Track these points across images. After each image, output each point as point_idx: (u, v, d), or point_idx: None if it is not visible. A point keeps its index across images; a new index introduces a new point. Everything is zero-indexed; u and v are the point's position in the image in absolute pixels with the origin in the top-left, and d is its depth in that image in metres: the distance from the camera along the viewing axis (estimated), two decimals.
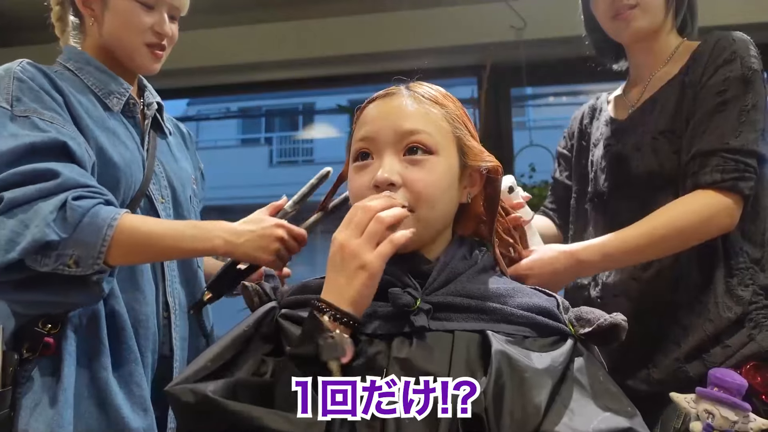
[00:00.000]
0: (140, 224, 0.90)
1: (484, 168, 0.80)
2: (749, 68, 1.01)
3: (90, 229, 0.85)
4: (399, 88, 0.80)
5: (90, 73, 1.04)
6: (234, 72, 2.60)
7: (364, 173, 0.76)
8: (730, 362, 0.98)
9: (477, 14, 2.35)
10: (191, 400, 0.62)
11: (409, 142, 0.74)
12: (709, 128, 1.01)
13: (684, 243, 1.00)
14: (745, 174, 0.98)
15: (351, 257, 0.65)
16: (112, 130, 1.01)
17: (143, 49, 1.05)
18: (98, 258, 0.86)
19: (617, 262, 1.05)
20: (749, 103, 1.00)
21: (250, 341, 0.72)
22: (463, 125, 0.80)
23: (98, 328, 0.94)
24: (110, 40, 1.05)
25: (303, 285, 0.80)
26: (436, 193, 0.74)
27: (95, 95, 1.03)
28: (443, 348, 0.67)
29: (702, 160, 1.00)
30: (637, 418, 0.64)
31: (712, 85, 1.02)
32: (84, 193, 0.88)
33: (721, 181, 0.98)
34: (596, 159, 1.20)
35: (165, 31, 1.05)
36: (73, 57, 1.06)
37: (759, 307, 1.01)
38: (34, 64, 0.98)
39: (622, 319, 0.71)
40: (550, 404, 0.62)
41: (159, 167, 1.09)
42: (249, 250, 0.92)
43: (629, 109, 1.17)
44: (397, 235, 0.67)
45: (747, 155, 0.98)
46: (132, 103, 1.08)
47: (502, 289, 0.74)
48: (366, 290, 0.65)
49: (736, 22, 2.12)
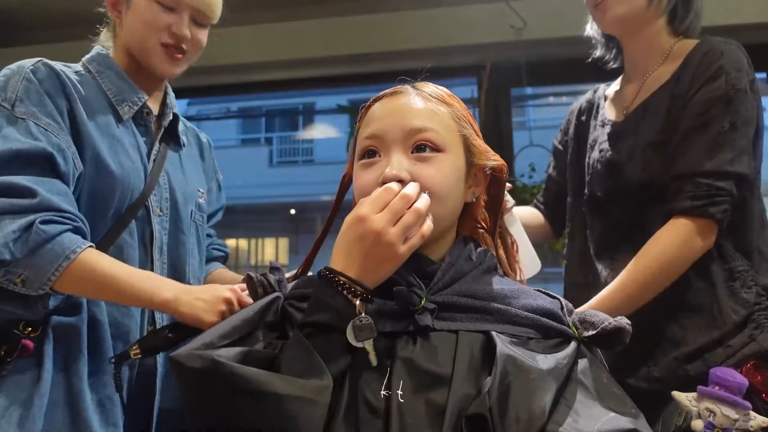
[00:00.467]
0: (98, 262, 0.89)
1: (490, 167, 0.80)
2: (733, 87, 1.02)
3: (48, 256, 0.86)
4: (405, 87, 0.80)
5: (108, 77, 1.05)
6: (234, 72, 2.60)
7: (371, 170, 0.76)
8: (730, 361, 0.98)
9: (477, 14, 2.35)
10: (197, 365, 0.60)
11: (418, 140, 0.75)
12: (686, 150, 1.03)
13: (668, 279, 1.03)
14: (716, 198, 1.00)
15: (386, 245, 0.66)
16: (117, 138, 1.01)
17: (158, 48, 1.05)
18: (46, 284, 0.86)
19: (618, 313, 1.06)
20: (727, 123, 1.01)
21: (256, 326, 0.71)
22: (469, 124, 0.80)
23: (79, 336, 0.94)
24: (130, 41, 1.06)
25: (308, 279, 0.80)
26: (445, 189, 0.74)
27: (108, 101, 1.04)
28: (447, 348, 0.66)
29: (677, 184, 1.03)
30: (641, 419, 0.64)
31: (695, 104, 1.04)
32: (54, 218, 0.88)
33: (692, 208, 1.01)
34: (592, 162, 1.20)
35: (182, 33, 1.05)
36: (97, 59, 1.07)
37: (762, 308, 1.02)
38: (49, 64, 0.99)
39: (627, 323, 0.70)
40: (555, 406, 0.62)
41: (164, 179, 1.08)
42: (196, 310, 0.89)
43: (624, 111, 1.17)
44: (426, 229, 0.69)
45: (720, 178, 1.00)
46: (146, 113, 1.08)
47: (506, 290, 0.74)
48: (388, 276, 0.69)
49: (736, 22, 2.12)
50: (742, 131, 1.02)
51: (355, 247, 0.67)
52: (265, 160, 7.38)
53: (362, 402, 0.63)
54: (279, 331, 0.73)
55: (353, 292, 0.66)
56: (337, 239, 0.70)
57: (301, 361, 0.62)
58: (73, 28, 1.13)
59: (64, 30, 1.13)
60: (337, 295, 0.66)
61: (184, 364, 0.61)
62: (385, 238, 0.66)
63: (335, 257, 0.69)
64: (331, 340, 0.65)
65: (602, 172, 1.16)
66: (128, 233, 1.01)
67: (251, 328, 0.71)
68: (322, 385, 0.60)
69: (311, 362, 0.62)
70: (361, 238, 0.67)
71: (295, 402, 0.58)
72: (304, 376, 0.60)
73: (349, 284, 0.67)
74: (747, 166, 1.02)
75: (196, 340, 0.66)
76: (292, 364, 0.62)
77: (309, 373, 0.61)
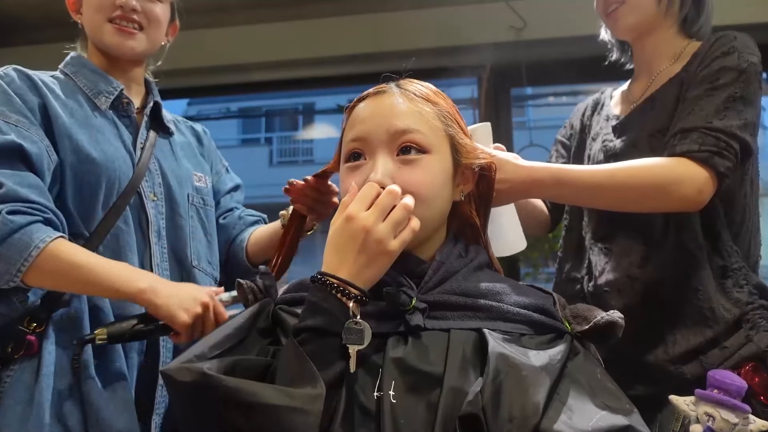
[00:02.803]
0: (68, 252, 0.88)
1: (477, 165, 0.79)
2: (746, 61, 1.00)
3: (15, 247, 0.85)
4: (389, 86, 0.79)
5: (83, 75, 1.07)
6: (234, 72, 2.60)
7: (356, 173, 0.75)
8: (728, 363, 0.97)
9: (477, 14, 2.35)
10: (187, 378, 0.60)
11: (403, 142, 0.73)
12: (695, 109, 0.99)
13: (641, 200, 0.96)
14: (724, 152, 0.95)
15: (376, 242, 0.66)
16: (96, 128, 1.02)
17: (106, 26, 1.06)
18: (15, 276, 0.86)
19: (568, 195, 1.00)
20: (739, 91, 0.98)
21: (248, 334, 0.71)
22: (455, 123, 0.79)
23: (81, 328, 0.94)
24: (89, 32, 1.08)
25: (299, 283, 0.80)
26: (431, 192, 0.73)
27: (85, 95, 1.05)
28: (439, 347, 0.66)
29: (682, 135, 0.98)
30: (635, 415, 0.64)
31: (706, 74, 1.02)
32: (22, 209, 0.87)
33: (697, 151, 0.95)
34: (594, 153, 1.20)
35: (126, 3, 1.04)
36: (71, 62, 1.10)
37: (755, 307, 1.01)
38: (20, 69, 1.01)
39: (619, 317, 0.70)
40: (549, 402, 0.62)
41: (155, 165, 1.09)
42: (171, 305, 0.87)
43: (631, 105, 1.17)
44: (415, 223, 0.69)
45: (729, 136, 0.96)
46: (125, 102, 1.09)
47: (498, 286, 0.74)
48: (381, 274, 0.68)
49: (736, 22, 2.12)
50: (750, 108, 0.99)
51: (345, 247, 0.66)
52: (265, 160, 7.37)
53: (356, 404, 0.63)
54: (271, 336, 0.73)
55: (346, 294, 0.66)
56: (327, 241, 0.69)
57: (293, 369, 0.61)
58: (73, 28, 1.14)
59: (64, 30, 1.13)
60: (330, 297, 0.66)
61: (175, 378, 0.61)
62: (375, 235, 0.65)
63: (326, 259, 0.68)
64: (327, 344, 0.64)
65: (603, 161, 1.15)
66: (123, 221, 1.01)
67: (243, 335, 0.70)
68: (314, 393, 0.59)
69: (304, 370, 0.61)
70: (351, 238, 0.66)
71: (286, 412, 0.57)
72: (296, 385, 0.60)
73: (341, 286, 0.66)
74: (752, 141, 0.99)
75: (188, 352, 0.66)
76: (285, 372, 0.62)
77: (301, 382, 0.60)
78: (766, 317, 1.01)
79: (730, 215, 1.05)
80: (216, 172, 1.28)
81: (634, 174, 0.94)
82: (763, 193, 1.14)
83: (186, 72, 2.36)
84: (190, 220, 1.13)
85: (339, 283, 0.66)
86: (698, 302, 1.02)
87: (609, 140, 1.16)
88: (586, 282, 1.16)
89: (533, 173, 0.92)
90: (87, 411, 0.91)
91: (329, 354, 0.64)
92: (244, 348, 0.69)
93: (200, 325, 0.90)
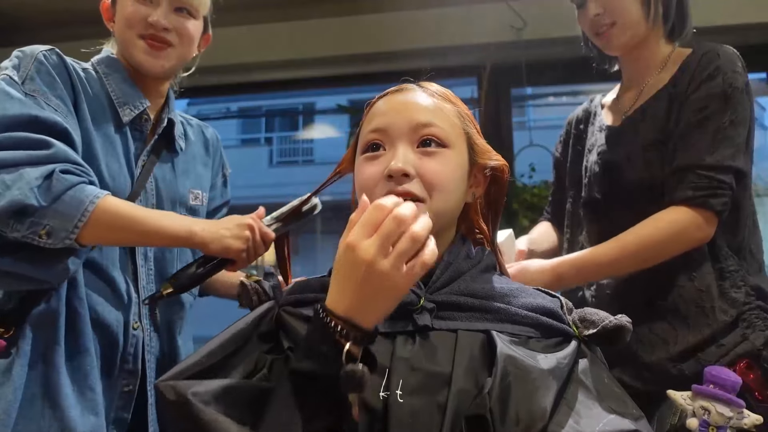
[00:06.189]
0: (121, 206, 0.91)
1: (491, 166, 0.80)
2: (730, 85, 1.04)
3: (71, 203, 0.86)
4: (410, 85, 0.81)
5: (114, 80, 1.06)
6: (234, 72, 2.60)
7: (375, 163, 0.75)
8: (724, 360, 0.99)
9: (477, 14, 2.35)
10: (172, 397, 0.60)
11: (423, 135, 0.74)
12: (688, 144, 1.04)
13: (656, 256, 1.04)
14: (717, 191, 1.01)
15: (380, 276, 0.56)
16: (110, 140, 1.02)
17: (139, 42, 1.04)
18: (72, 232, 0.86)
19: (593, 276, 1.11)
20: (727, 119, 1.03)
21: (248, 340, 0.70)
22: (472, 124, 0.81)
23: (55, 328, 0.94)
24: (119, 43, 1.07)
25: (304, 284, 0.80)
26: (450, 184, 0.74)
27: (110, 102, 1.04)
28: (447, 347, 0.66)
29: (678, 176, 1.04)
30: (642, 420, 0.64)
31: (694, 100, 1.05)
32: (72, 169, 0.88)
33: (693, 197, 1.01)
34: (590, 165, 1.21)
35: (159, 23, 1.03)
36: (106, 61, 1.08)
37: (752, 307, 1.04)
38: (61, 55, 0.99)
39: (627, 321, 0.70)
40: (556, 406, 0.62)
41: (151, 185, 1.08)
42: (222, 237, 0.93)
43: (622, 116, 1.18)
44: (428, 256, 0.58)
45: (721, 172, 1.01)
46: (144, 119, 1.08)
47: (506, 288, 0.74)
48: (392, 307, 0.59)
49: (736, 22, 2.13)
50: (740, 129, 1.04)
51: (346, 279, 0.58)
52: (265, 160, 7.37)
53: (362, 405, 0.62)
54: (273, 341, 0.72)
55: (345, 335, 0.57)
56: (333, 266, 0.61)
57: (281, 418, 0.58)
58: (73, 28, 1.14)
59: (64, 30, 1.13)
60: (327, 338, 0.58)
61: (163, 394, 0.61)
62: (377, 268, 0.55)
63: (330, 289, 0.60)
64: (321, 389, 0.58)
65: (600, 174, 1.17)
66: None
67: (243, 341, 0.70)
68: None
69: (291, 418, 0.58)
70: (352, 268, 0.57)
71: None
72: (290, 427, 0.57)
73: (339, 325, 0.57)
74: (744, 162, 1.04)
75: (184, 361, 0.66)
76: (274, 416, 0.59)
77: None
78: (762, 317, 1.03)
79: (728, 222, 1.07)
80: (213, 185, 1.27)
81: (642, 239, 1.03)
82: (764, 193, 1.15)
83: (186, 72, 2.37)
84: None
85: (337, 322, 0.57)
86: (697, 303, 1.04)
87: (604, 151, 1.18)
88: (586, 287, 1.17)
89: (557, 270, 1.05)
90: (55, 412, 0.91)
91: (322, 400, 0.58)
92: (243, 355, 0.69)
93: (253, 249, 0.96)
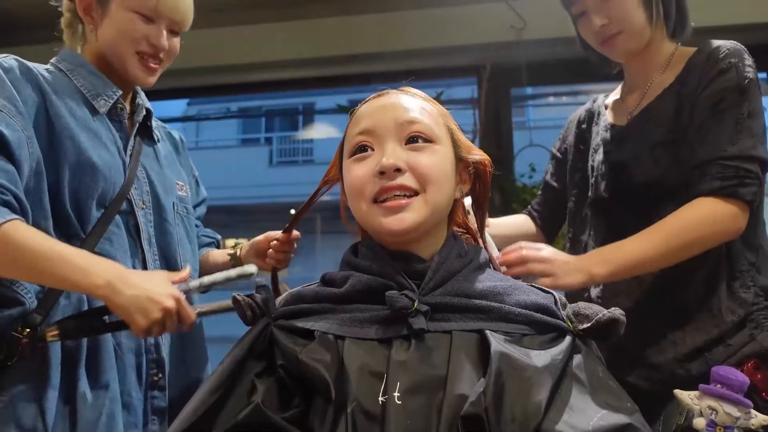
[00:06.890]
0: (23, 236, 0.81)
1: (475, 160, 0.81)
2: (744, 77, 1.02)
3: None
4: (391, 90, 0.82)
5: (81, 75, 1.05)
6: (234, 72, 2.60)
7: (364, 163, 0.76)
8: (731, 360, 0.99)
9: (477, 14, 2.35)
10: None
11: (410, 132, 0.75)
12: (707, 138, 1.02)
13: (688, 252, 1.00)
14: (746, 180, 0.99)
15: None
16: (95, 132, 1.01)
17: (135, 58, 1.04)
18: None
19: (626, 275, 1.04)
20: (745, 111, 1.01)
21: (244, 363, 0.71)
22: (453, 122, 0.82)
23: None
24: (106, 48, 1.05)
25: (296, 294, 0.79)
26: (441, 176, 0.75)
27: (83, 96, 1.03)
28: (442, 349, 0.66)
29: (702, 169, 1.01)
30: (636, 414, 0.64)
31: (708, 96, 1.03)
32: None
33: (720, 188, 0.99)
34: (596, 164, 1.20)
35: (161, 44, 1.04)
36: (67, 59, 1.07)
37: (760, 308, 1.03)
38: (20, 60, 0.98)
39: (621, 314, 0.70)
40: (551, 403, 0.62)
41: (142, 172, 1.08)
42: (127, 306, 0.83)
43: (628, 116, 1.18)
44: None
45: (746, 161, 0.99)
46: (120, 108, 1.07)
47: (499, 287, 0.74)
48: None
49: (736, 22, 2.13)
50: (758, 120, 1.02)
51: None
52: (265, 160, 7.38)
53: (360, 411, 0.62)
54: (266, 358, 0.72)
55: None
56: None
57: None
58: None
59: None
60: None
61: None
62: None
63: None
64: None
65: (608, 173, 1.16)
66: (115, 225, 1.00)
67: (239, 367, 0.70)
68: None
69: None
70: None
71: None
72: None
73: None
74: (765, 151, 1.02)
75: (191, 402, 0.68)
76: None
77: None
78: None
79: None
80: (189, 184, 1.27)
81: (686, 233, 0.99)
82: None
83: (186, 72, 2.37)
84: (177, 228, 1.13)
85: None
86: (706, 303, 1.04)
87: (611, 151, 1.17)
88: (592, 287, 1.17)
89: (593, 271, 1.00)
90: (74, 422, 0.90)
91: None
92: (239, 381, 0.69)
93: (160, 330, 0.87)
